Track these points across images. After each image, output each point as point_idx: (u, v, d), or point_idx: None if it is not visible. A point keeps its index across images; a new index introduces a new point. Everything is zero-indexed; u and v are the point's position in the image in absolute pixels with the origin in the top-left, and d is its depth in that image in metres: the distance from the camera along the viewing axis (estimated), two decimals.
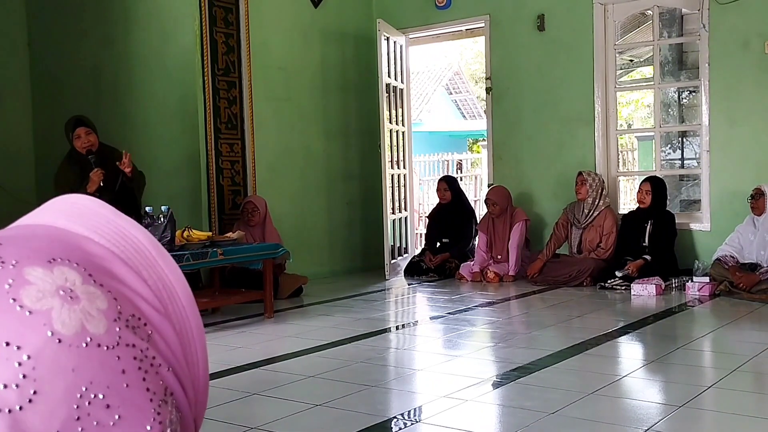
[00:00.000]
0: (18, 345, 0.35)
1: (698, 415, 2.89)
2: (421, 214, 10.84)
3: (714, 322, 4.81)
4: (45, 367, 0.36)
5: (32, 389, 0.35)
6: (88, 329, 0.37)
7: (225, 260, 4.84)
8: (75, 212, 0.44)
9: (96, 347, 0.37)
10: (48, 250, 0.39)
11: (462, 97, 20.38)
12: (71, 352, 0.36)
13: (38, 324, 0.36)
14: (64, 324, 0.37)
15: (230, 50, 6.17)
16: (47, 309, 0.37)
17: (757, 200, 5.59)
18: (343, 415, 2.90)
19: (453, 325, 4.78)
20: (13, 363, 0.35)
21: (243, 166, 6.31)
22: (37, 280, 0.37)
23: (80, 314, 0.38)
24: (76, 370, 0.36)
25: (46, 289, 0.37)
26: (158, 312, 0.42)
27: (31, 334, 0.36)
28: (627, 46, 9.45)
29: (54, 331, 0.36)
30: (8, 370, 0.35)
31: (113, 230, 0.43)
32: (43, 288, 0.37)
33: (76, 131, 4.98)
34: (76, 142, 4.98)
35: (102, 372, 0.37)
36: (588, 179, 6.37)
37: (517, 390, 3.21)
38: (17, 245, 0.39)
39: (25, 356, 0.35)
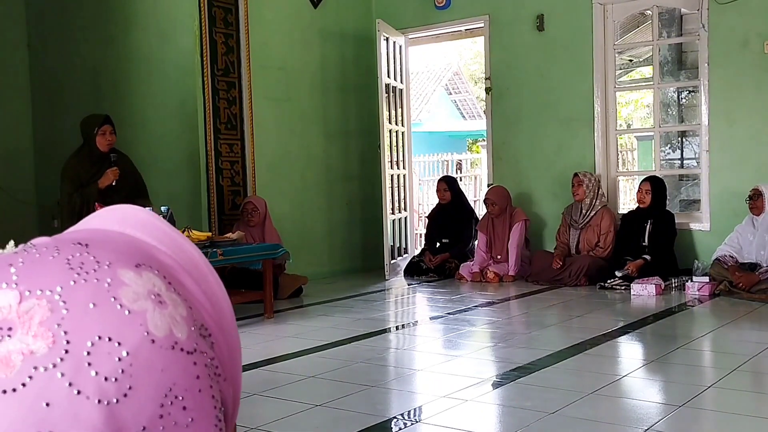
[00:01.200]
0: (119, 341, 0.38)
1: (698, 414, 2.89)
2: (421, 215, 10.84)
3: (713, 321, 4.81)
4: (140, 365, 0.38)
5: (128, 384, 0.37)
6: (175, 333, 0.40)
7: (225, 260, 4.84)
8: (138, 222, 0.45)
9: (180, 351, 0.40)
10: (132, 255, 0.42)
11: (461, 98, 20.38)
12: (162, 353, 0.39)
13: (136, 323, 0.38)
14: (157, 326, 0.39)
15: (230, 50, 6.17)
16: (143, 310, 0.39)
17: (755, 200, 5.59)
18: (343, 415, 2.91)
19: (453, 325, 4.79)
20: (114, 358, 0.37)
21: (243, 166, 6.31)
22: (131, 282, 0.40)
23: (168, 318, 0.40)
24: (165, 370, 0.39)
25: (140, 291, 0.40)
26: (216, 325, 0.44)
27: (130, 333, 0.38)
28: (626, 46, 9.45)
29: (149, 331, 0.39)
30: (109, 364, 0.37)
31: (173, 242, 0.45)
32: (137, 290, 0.40)
33: (103, 127, 5.02)
34: (100, 138, 5.01)
35: (183, 375, 0.39)
36: (584, 180, 6.38)
37: (517, 390, 3.21)
38: (104, 248, 0.41)
39: (124, 352, 0.37)
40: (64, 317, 0.37)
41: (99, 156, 5.04)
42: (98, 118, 5.16)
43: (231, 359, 0.46)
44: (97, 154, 5.04)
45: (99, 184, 4.97)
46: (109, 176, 4.98)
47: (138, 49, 6.39)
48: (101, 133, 5.03)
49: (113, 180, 5.00)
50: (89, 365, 0.37)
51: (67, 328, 0.37)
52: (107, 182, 4.98)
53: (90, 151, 5.05)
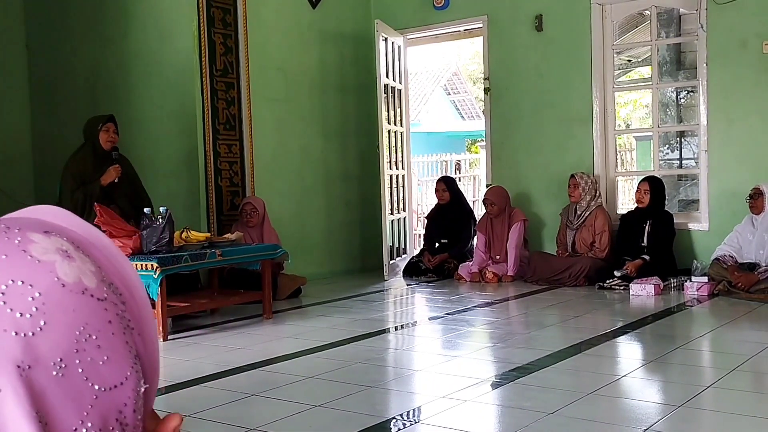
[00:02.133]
0: (31, 284, 0.42)
1: (697, 414, 2.89)
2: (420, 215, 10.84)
3: (713, 321, 4.81)
4: (52, 304, 0.42)
5: (42, 320, 0.41)
6: (84, 281, 0.44)
7: (223, 261, 4.83)
8: (50, 213, 0.50)
9: (90, 297, 0.44)
10: (40, 226, 0.47)
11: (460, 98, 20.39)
12: (72, 296, 0.43)
13: (45, 270, 0.43)
14: (66, 274, 0.43)
15: (228, 51, 6.17)
16: (51, 261, 0.44)
17: (755, 200, 5.59)
18: (342, 415, 2.90)
19: (452, 325, 4.78)
20: (27, 297, 0.42)
21: (241, 166, 6.31)
22: (39, 240, 0.44)
23: (77, 269, 0.44)
24: (76, 311, 0.43)
25: (48, 247, 0.44)
26: (127, 293, 0.49)
27: (41, 277, 0.43)
28: (625, 47, 9.45)
29: (59, 277, 0.43)
30: (23, 302, 0.41)
31: (83, 226, 0.50)
32: (46, 246, 0.44)
33: (107, 125, 5.06)
34: (104, 135, 5.05)
35: (95, 317, 0.44)
36: (581, 182, 6.38)
37: (516, 390, 3.21)
38: (15, 220, 0.47)
39: (37, 293, 0.42)
40: None
41: (101, 154, 5.06)
42: (103, 116, 5.20)
43: (143, 321, 0.49)
44: (99, 152, 5.06)
45: (102, 181, 4.98)
46: (112, 173, 5.00)
47: (137, 50, 6.39)
48: (105, 130, 5.06)
49: (116, 177, 5.02)
50: (4, 303, 0.41)
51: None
52: (110, 179, 5.00)
53: (93, 149, 5.07)
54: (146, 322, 0.50)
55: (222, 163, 6.16)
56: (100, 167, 5.03)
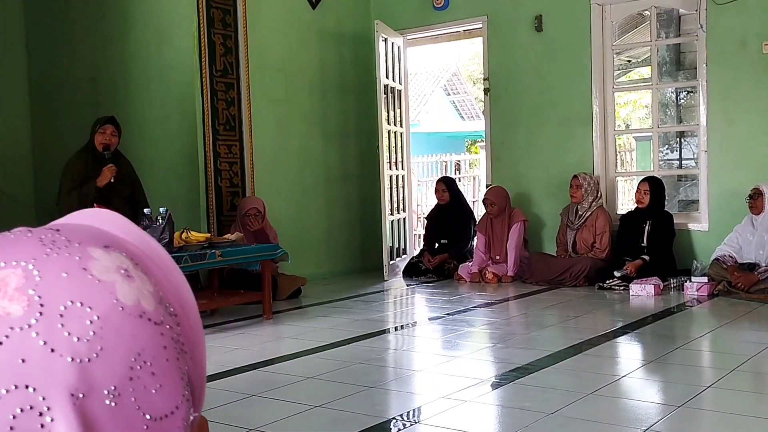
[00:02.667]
0: (90, 306, 0.41)
1: (697, 415, 2.90)
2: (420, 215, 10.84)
3: (712, 322, 4.82)
4: (110, 329, 0.41)
5: (99, 346, 0.40)
6: (142, 304, 0.43)
7: (223, 261, 4.83)
8: (106, 219, 0.49)
9: (147, 321, 0.42)
10: (100, 238, 0.45)
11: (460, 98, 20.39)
12: (130, 320, 0.42)
13: (105, 291, 0.41)
14: (125, 295, 0.42)
15: (228, 51, 6.17)
16: (112, 281, 0.42)
17: (755, 200, 5.59)
18: (342, 416, 2.90)
19: (452, 325, 4.78)
20: (85, 321, 0.40)
21: (241, 167, 6.31)
22: (99, 257, 0.43)
23: (136, 290, 0.43)
24: (133, 336, 0.41)
25: (109, 265, 0.43)
26: (181, 311, 0.47)
27: (100, 299, 0.41)
28: (625, 47, 9.45)
29: (118, 299, 0.42)
30: (81, 326, 0.40)
31: (139, 236, 0.49)
32: (106, 264, 0.43)
33: (104, 126, 5.05)
34: (98, 136, 5.04)
35: (151, 343, 0.42)
36: (583, 183, 6.38)
37: (516, 390, 3.21)
38: (75, 232, 0.45)
39: (95, 316, 0.40)
40: (38, 284, 0.40)
41: (98, 155, 5.06)
42: (103, 117, 5.20)
43: (195, 343, 0.48)
44: (96, 153, 5.06)
45: (97, 183, 4.98)
46: (106, 174, 4.98)
47: (136, 51, 6.39)
48: (101, 131, 5.05)
49: (111, 177, 4.99)
50: (62, 326, 0.39)
51: (41, 293, 0.40)
52: (105, 180, 4.98)
53: (91, 151, 5.07)
54: (198, 344, 0.49)
55: (222, 164, 6.16)
56: (97, 168, 5.02)
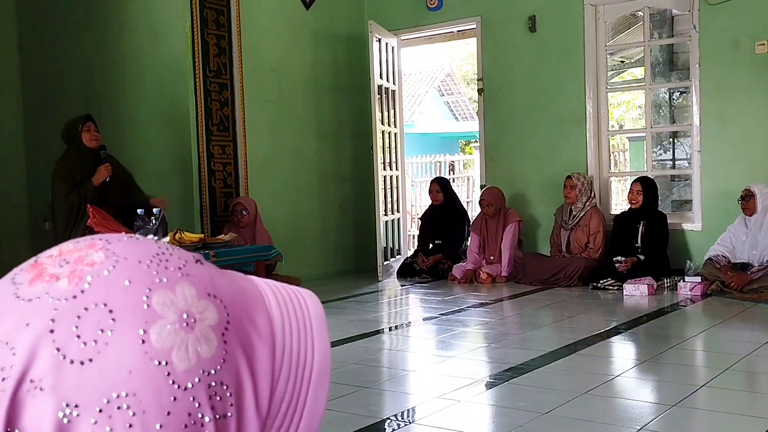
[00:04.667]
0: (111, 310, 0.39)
1: (691, 414, 2.90)
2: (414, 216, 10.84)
3: (706, 321, 4.83)
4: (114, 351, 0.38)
5: (92, 354, 0.38)
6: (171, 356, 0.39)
7: (217, 262, 4.81)
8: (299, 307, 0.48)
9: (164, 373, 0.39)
10: (214, 288, 0.43)
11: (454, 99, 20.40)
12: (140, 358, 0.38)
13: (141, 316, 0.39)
14: (158, 334, 0.39)
15: (222, 52, 6.16)
16: (159, 314, 0.39)
17: (747, 201, 5.60)
18: (337, 416, 2.90)
19: (446, 326, 4.78)
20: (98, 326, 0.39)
21: (235, 168, 6.30)
22: (180, 294, 0.40)
23: (177, 340, 0.39)
24: (132, 373, 0.38)
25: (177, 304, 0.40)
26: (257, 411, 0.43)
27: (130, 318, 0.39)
28: (618, 47, 9.48)
29: (146, 331, 0.39)
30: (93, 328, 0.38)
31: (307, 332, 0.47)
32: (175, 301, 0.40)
33: (87, 124, 5.02)
34: (86, 135, 5.00)
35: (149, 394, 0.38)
36: (577, 184, 6.39)
37: (510, 390, 3.21)
38: (207, 272, 0.44)
39: (109, 330, 0.39)
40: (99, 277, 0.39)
41: (87, 154, 5.01)
42: (80, 117, 5.14)
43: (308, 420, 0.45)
44: (84, 152, 5.01)
45: (93, 182, 4.95)
46: (103, 172, 4.96)
47: (130, 51, 6.37)
48: (86, 129, 5.01)
49: (107, 176, 4.97)
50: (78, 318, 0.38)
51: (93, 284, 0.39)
52: (101, 179, 4.96)
53: (78, 150, 5.03)
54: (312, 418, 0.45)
55: (215, 164, 6.15)
56: (89, 168, 4.99)
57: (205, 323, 0.40)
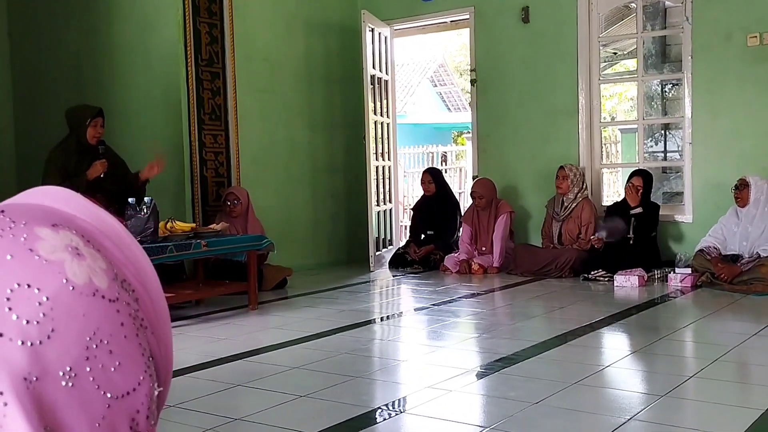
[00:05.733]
0: (38, 287, 0.39)
1: (680, 404, 2.92)
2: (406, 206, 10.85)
3: (696, 313, 4.85)
4: (61, 309, 0.40)
5: (51, 327, 0.39)
6: (95, 282, 0.42)
7: (209, 252, 4.81)
8: (56, 197, 0.47)
9: (101, 298, 0.41)
10: (48, 217, 0.43)
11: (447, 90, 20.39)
12: (82, 299, 0.41)
13: (54, 271, 0.40)
14: (75, 274, 0.41)
15: (213, 41, 6.13)
16: (60, 260, 0.41)
17: (741, 191, 5.61)
18: (328, 405, 2.91)
19: (437, 316, 4.79)
20: (34, 302, 0.39)
21: (227, 157, 6.28)
22: (47, 236, 0.42)
23: (87, 268, 0.42)
24: (86, 315, 0.40)
25: (57, 244, 0.41)
26: (141, 286, 0.46)
27: (49, 280, 0.40)
28: (611, 39, 9.48)
29: (68, 278, 0.40)
30: (30, 308, 0.39)
31: (93, 214, 0.47)
32: (54, 243, 0.41)
33: (96, 119, 4.99)
34: (91, 130, 4.98)
35: (106, 321, 0.41)
36: (569, 174, 6.40)
37: (500, 380, 3.22)
38: (20, 211, 0.43)
39: (44, 297, 0.39)
40: None
41: (86, 147, 4.99)
42: (91, 109, 5.11)
43: (157, 317, 0.47)
44: (84, 145, 4.99)
45: (87, 176, 4.92)
46: (98, 168, 4.94)
47: (121, 39, 6.34)
48: (93, 125, 4.98)
49: (102, 172, 4.95)
50: (10, 309, 0.38)
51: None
52: (96, 174, 4.93)
53: (77, 142, 5.00)
54: (161, 319, 0.48)
55: (207, 154, 6.13)
56: (84, 160, 4.97)
57: (80, 245, 0.42)
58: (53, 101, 6.67)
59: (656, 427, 2.64)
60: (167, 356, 0.48)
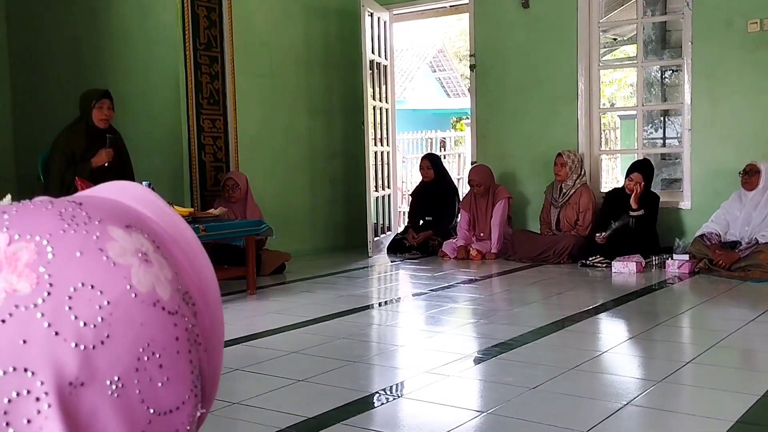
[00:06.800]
0: (101, 290, 0.39)
1: (677, 389, 2.93)
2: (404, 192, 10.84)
3: (693, 299, 4.86)
4: (120, 316, 0.39)
5: (106, 333, 0.38)
6: (158, 292, 0.41)
7: (207, 236, 4.81)
8: (134, 195, 0.47)
9: (161, 310, 0.41)
10: (123, 217, 0.43)
11: (446, 75, 20.32)
12: (142, 308, 0.40)
13: (119, 276, 0.40)
14: (140, 281, 0.40)
15: (212, 24, 6.10)
16: (128, 265, 0.40)
17: (751, 176, 5.57)
18: (326, 390, 2.91)
19: (435, 301, 4.80)
20: (95, 305, 0.38)
21: (225, 142, 6.26)
22: (119, 238, 0.41)
23: (153, 277, 0.41)
24: (144, 325, 0.40)
25: (127, 248, 0.41)
26: (201, 298, 0.46)
27: (113, 284, 0.39)
28: (611, 25, 9.44)
29: (131, 285, 0.40)
30: (90, 310, 0.38)
31: (166, 216, 0.47)
32: (125, 246, 0.41)
33: (101, 101, 4.93)
34: (97, 112, 4.90)
35: (162, 334, 0.40)
36: (568, 161, 6.39)
37: (498, 365, 3.23)
38: (97, 207, 0.43)
39: (105, 301, 0.39)
40: (50, 261, 0.38)
41: (95, 132, 4.94)
42: (97, 92, 5.07)
43: (213, 334, 0.46)
44: (93, 129, 4.93)
45: (92, 163, 4.89)
46: (103, 157, 4.89)
47: (119, 23, 6.30)
48: (98, 107, 4.93)
49: (106, 161, 4.91)
50: (69, 309, 0.38)
51: (52, 272, 0.38)
52: (100, 162, 4.89)
53: (87, 126, 4.95)
54: (216, 336, 0.47)
55: (206, 138, 6.11)
56: (92, 146, 4.91)
57: (150, 251, 0.42)
58: (51, 84, 6.65)
59: (653, 412, 2.66)
60: (215, 376, 0.47)
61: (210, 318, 0.46)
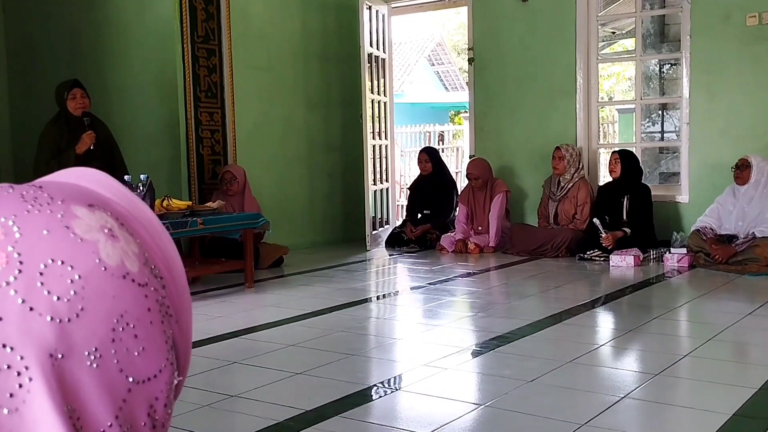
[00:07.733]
0: (71, 265, 0.40)
1: (674, 383, 2.94)
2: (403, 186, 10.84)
3: (690, 292, 4.87)
4: (92, 289, 0.40)
5: (80, 306, 0.39)
6: (126, 265, 0.42)
7: (205, 230, 4.81)
8: (92, 178, 0.47)
9: (131, 282, 0.42)
10: (85, 197, 0.44)
11: (444, 69, 20.30)
12: (113, 281, 0.41)
13: (88, 251, 0.40)
14: (109, 255, 0.41)
15: (210, 17, 6.08)
16: (95, 240, 0.41)
17: (742, 171, 5.59)
18: (323, 383, 2.92)
19: (433, 295, 4.81)
20: (66, 279, 0.39)
21: (223, 135, 6.25)
22: (83, 216, 0.42)
23: (120, 251, 0.42)
24: (116, 297, 0.41)
25: (92, 224, 0.42)
26: (167, 273, 0.47)
27: (82, 258, 0.40)
28: (609, 18, 9.43)
29: (101, 259, 0.41)
30: (62, 285, 0.39)
31: (128, 198, 0.47)
32: (90, 223, 0.42)
33: (72, 91, 4.97)
34: (71, 102, 4.96)
35: (134, 305, 0.41)
36: (566, 155, 6.39)
37: (495, 358, 3.24)
38: (59, 189, 0.44)
39: (76, 276, 0.39)
40: (18, 240, 0.39)
41: (74, 121, 4.98)
42: (67, 82, 5.10)
43: (182, 306, 0.48)
44: (72, 119, 4.99)
45: (77, 150, 4.91)
46: (86, 141, 4.93)
47: (117, 15, 6.29)
48: (71, 97, 4.98)
49: (90, 144, 4.94)
50: (42, 284, 0.38)
51: (21, 251, 0.39)
52: (84, 147, 4.92)
53: (66, 118, 5.00)
54: (184, 308, 0.48)
55: (203, 131, 6.10)
56: (74, 135, 4.95)
57: (115, 227, 0.43)
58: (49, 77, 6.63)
59: (650, 405, 2.66)
60: (187, 346, 0.48)
61: (177, 292, 0.47)
